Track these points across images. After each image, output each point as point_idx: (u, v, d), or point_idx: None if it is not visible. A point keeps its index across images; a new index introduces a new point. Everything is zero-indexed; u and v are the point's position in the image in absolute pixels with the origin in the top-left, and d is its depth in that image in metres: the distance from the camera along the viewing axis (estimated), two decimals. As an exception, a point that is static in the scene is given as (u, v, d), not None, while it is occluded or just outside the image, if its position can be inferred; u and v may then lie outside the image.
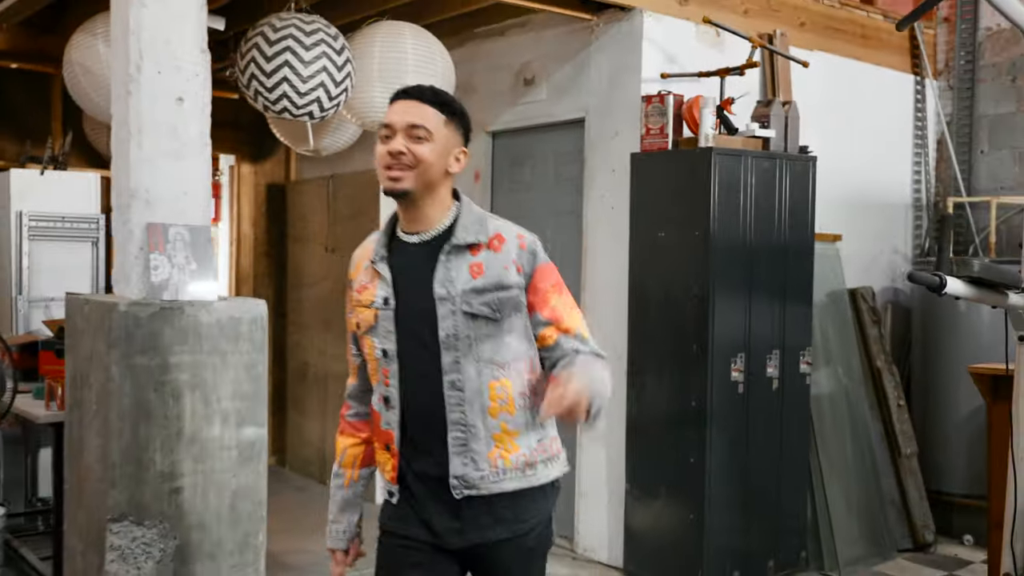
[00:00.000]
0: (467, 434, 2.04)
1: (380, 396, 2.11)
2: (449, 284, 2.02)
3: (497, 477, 2.06)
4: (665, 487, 4.33)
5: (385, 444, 2.13)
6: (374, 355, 2.10)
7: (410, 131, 2.01)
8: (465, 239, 2.04)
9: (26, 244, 5.16)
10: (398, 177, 2.02)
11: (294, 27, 4.24)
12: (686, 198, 4.21)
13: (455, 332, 2.02)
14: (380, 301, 2.08)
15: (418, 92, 2.08)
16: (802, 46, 5.16)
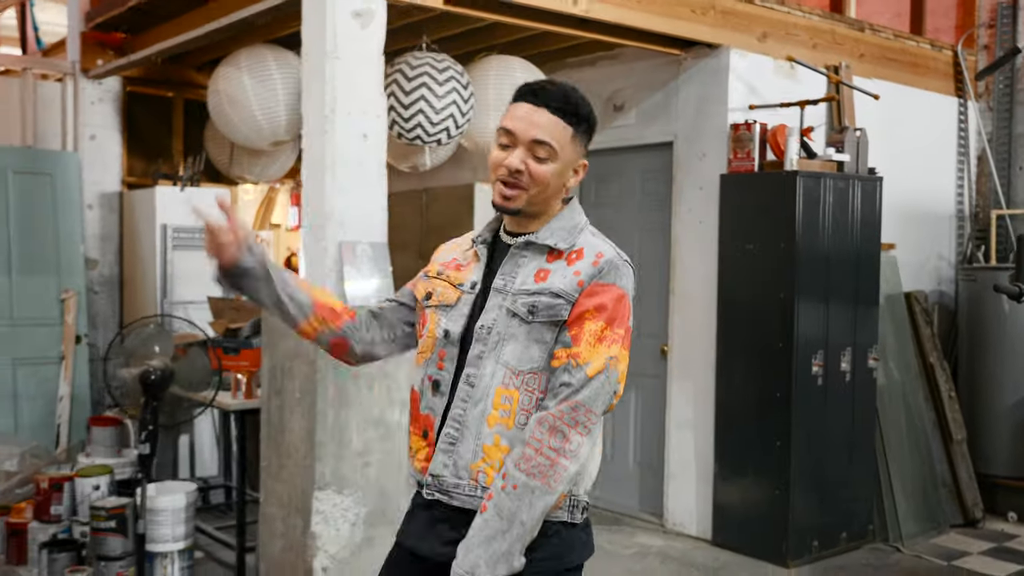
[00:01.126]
0: (459, 434, 1.87)
1: (429, 378, 1.94)
2: (510, 279, 1.90)
3: (472, 493, 1.85)
4: (752, 467, 4.93)
5: (423, 430, 1.95)
6: (435, 333, 1.95)
7: (533, 147, 1.84)
8: (545, 240, 1.90)
9: (169, 253, 5.77)
10: (511, 196, 1.87)
11: (428, 65, 4.83)
12: (772, 214, 4.82)
13: (491, 326, 1.88)
14: (468, 285, 1.96)
15: (547, 96, 1.86)
16: (861, 74, 5.75)
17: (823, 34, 5.60)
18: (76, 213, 5.94)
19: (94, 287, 6.15)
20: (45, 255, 5.79)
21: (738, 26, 5.16)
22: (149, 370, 3.85)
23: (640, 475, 5.65)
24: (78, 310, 5.86)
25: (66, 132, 6.09)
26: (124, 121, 6.33)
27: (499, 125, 1.89)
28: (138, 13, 5.55)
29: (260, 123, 5.32)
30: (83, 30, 6.06)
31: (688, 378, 5.30)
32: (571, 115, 1.87)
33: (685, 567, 4.78)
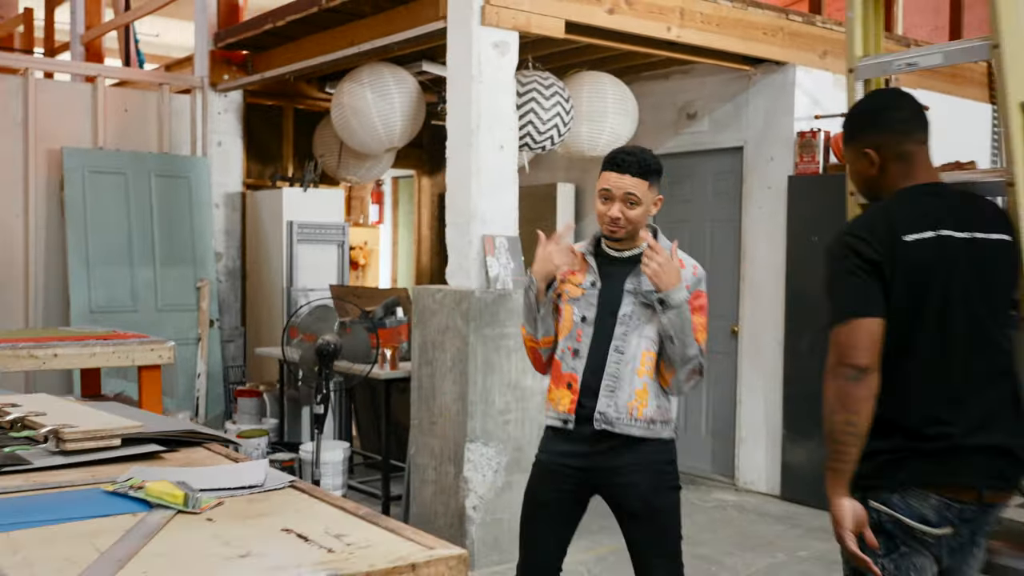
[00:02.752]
0: (615, 385, 2.70)
1: (570, 348, 2.76)
2: (637, 283, 2.73)
3: (629, 423, 2.69)
4: (817, 430, 5.64)
5: (567, 383, 2.75)
6: (571, 319, 2.77)
7: (625, 198, 2.68)
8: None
9: (294, 247, 6.54)
10: (615, 232, 2.73)
11: (536, 82, 5.57)
12: (835, 211, 5.52)
13: (631, 313, 2.72)
14: (588, 284, 2.78)
15: (627, 166, 2.68)
16: (907, 85, 6.45)
17: (874, 50, 6.30)
18: (207, 212, 6.72)
19: (219, 277, 6.92)
20: (183, 249, 6.57)
21: (802, 45, 5.88)
22: (324, 343, 4.60)
23: (712, 441, 6.39)
24: (211, 297, 6.63)
25: (195, 139, 6.86)
26: (244, 129, 7.09)
27: (599, 187, 2.74)
28: (266, 35, 6.31)
29: (379, 132, 6.08)
30: (211, 48, 6.82)
31: (758, 355, 6.03)
32: (646, 173, 2.71)
33: (760, 516, 5.52)
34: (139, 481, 1.97)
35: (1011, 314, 2.36)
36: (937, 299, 2.22)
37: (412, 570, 1.58)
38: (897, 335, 2.24)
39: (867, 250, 2.26)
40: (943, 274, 2.22)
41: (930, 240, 2.23)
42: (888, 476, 2.27)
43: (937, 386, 2.24)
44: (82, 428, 2.29)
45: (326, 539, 1.69)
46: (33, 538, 1.67)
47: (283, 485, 2.08)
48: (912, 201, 2.29)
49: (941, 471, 2.19)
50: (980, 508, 2.21)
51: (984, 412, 2.23)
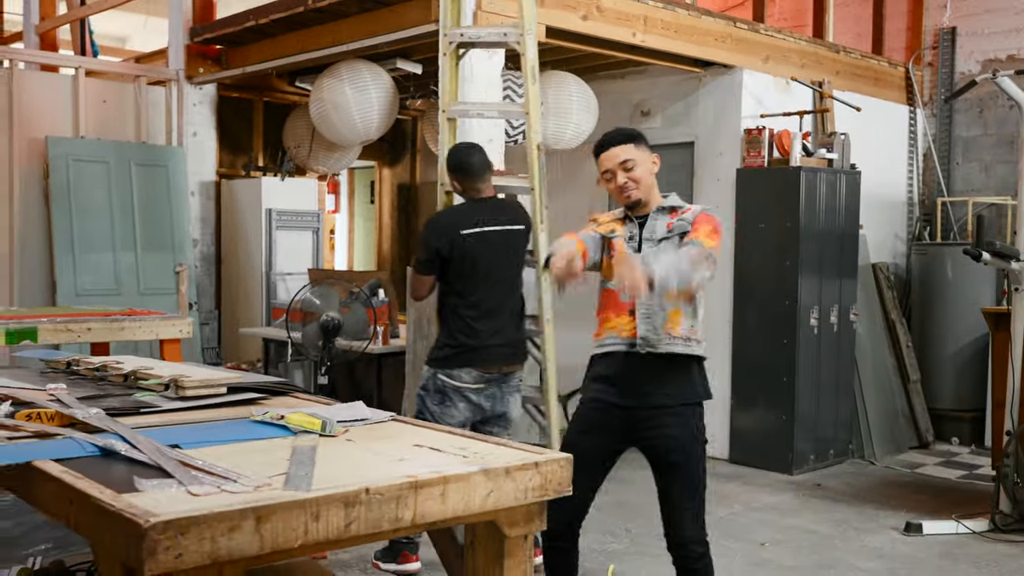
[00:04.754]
0: (650, 311, 2.97)
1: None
2: (652, 232, 3.03)
3: (670, 342, 2.99)
4: (763, 399, 6.28)
5: (629, 310, 3.00)
6: (625, 250, 3.00)
7: (621, 166, 2.99)
8: (668, 204, 3.07)
9: (273, 233, 6.87)
10: (632, 196, 3.02)
11: (510, 81, 6.04)
12: (780, 200, 6.16)
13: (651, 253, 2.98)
14: (628, 235, 3.06)
15: (611, 140, 3.03)
16: (837, 87, 7.13)
17: (809, 56, 6.96)
18: (184, 199, 6.99)
19: (195, 263, 7.19)
20: (162, 236, 6.83)
21: (747, 50, 6.48)
22: (327, 319, 4.99)
23: (665, 412, 6.96)
24: (190, 281, 6.91)
25: (171, 130, 7.12)
26: (218, 120, 7.37)
27: (600, 173, 3.07)
28: (244, 31, 6.61)
29: (357, 125, 6.46)
30: (187, 43, 7.08)
31: (708, 331, 6.55)
32: (628, 139, 3.04)
33: (713, 476, 6.06)
34: (277, 414, 2.39)
35: (523, 266, 4.16)
36: (483, 266, 3.91)
37: (535, 467, 2.05)
38: (459, 286, 3.93)
39: (435, 240, 3.93)
40: (485, 250, 3.91)
41: (475, 232, 3.91)
42: (449, 360, 3.92)
43: (475, 312, 3.92)
44: (196, 378, 2.68)
45: (455, 450, 2.14)
46: (222, 452, 2.07)
47: (387, 419, 2.52)
48: (469, 207, 4.06)
49: (476, 357, 3.90)
50: (501, 375, 3.98)
51: (500, 325, 3.96)
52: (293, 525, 1.67)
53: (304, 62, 6.50)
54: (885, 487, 5.89)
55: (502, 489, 1.98)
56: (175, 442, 2.11)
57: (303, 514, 1.69)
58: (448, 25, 4.49)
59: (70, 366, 3.03)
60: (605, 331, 3.09)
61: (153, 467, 1.91)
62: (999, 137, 7.65)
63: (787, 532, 4.87)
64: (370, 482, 1.80)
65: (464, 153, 4.08)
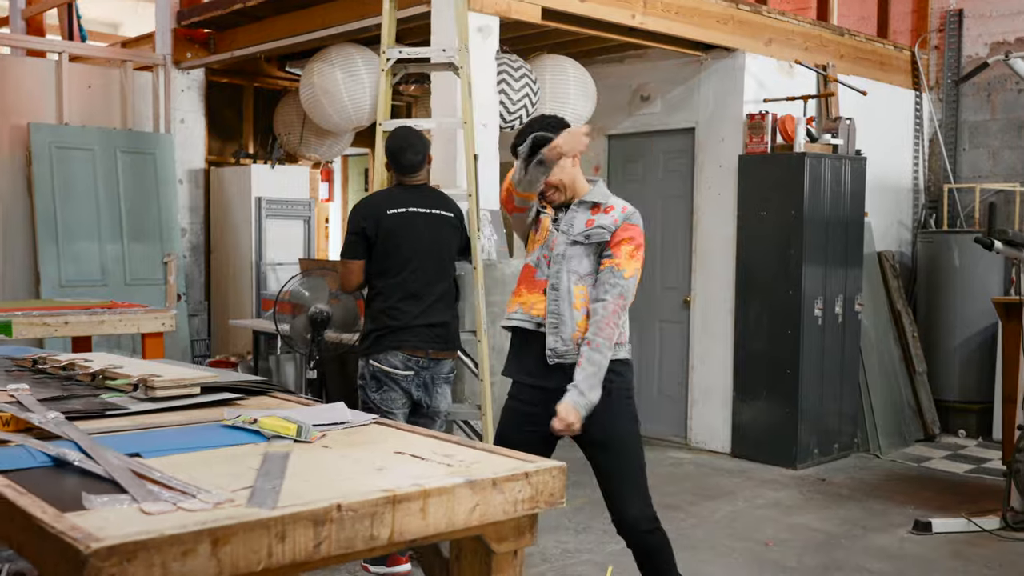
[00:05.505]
0: (558, 321, 2.94)
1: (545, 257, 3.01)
2: (570, 226, 2.97)
3: (577, 352, 2.91)
4: (766, 392, 6.12)
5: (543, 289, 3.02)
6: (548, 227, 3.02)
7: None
8: (591, 199, 3.00)
9: (263, 222, 6.70)
10: (555, 199, 3.04)
11: (506, 64, 5.85)
12: (783, 187, 5.98)
13: (562, 252, 2.95)
14: (553, 218, 3.04)
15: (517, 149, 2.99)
16: (841, 71, 6.95)
17: (813, 39, 6.78)
18: (172, 188, 6.81)
19: (184, 252, 7.02)
20: (150, 225, 6.66)
21: (750, 33, 6.29)
22: (316, 312, 4.82)
23: (665, 404, 6.80)
24: (178, 271, 6.75)
25: (158, 116, 6.93)
26: (206, 107, 7.19)
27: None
28: (233, 14, 6.42)
29: (349, 111, 6.28)
30: (174, 27, 6.89)
31: (709, 323, 6.46)
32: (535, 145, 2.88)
33: (715, 471, 5.95)
34: (249, 417, 2.22)
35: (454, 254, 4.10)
36: (408, 245, 3.90)
37: (526, 477, 1.88)
38: (384, 266, 3.92)
39: (361, 220, 3.94)
40: (410, 230, 3.91)
41: (401, 212, 3.92)
42: (376, 344, 3.90)
43: (400, 293, 3.88)
44: (168, 377, 2.52)
45: (439, 458, 1.98)
46: (186, 461, 1.91)
47: (368, 422, 2.35)
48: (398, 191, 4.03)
49: (401, 339, 3.86)
50: (430, 360, 3.92)
51: (425, 307, 3.90)
52: (255, 547, 1.51)
53: (293, 46, 6.32)
54: (891, 482, 5.74)
55: (489, 502, 1.82)
56: (136, 450, 1.95)
57: (267, 535, 1.53)
58: (386, 43, 4.50)
59: (36, 364, 2.87)
60: (516, 304, 3.07)
61: (107, 480, 1.74)
62: (1007, 122, 7.46)
63: (792, 530, 4.72)
64: (343, 497, 1.63)
65: (400, 148, 4.01)
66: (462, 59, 4.36)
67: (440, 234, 4.05)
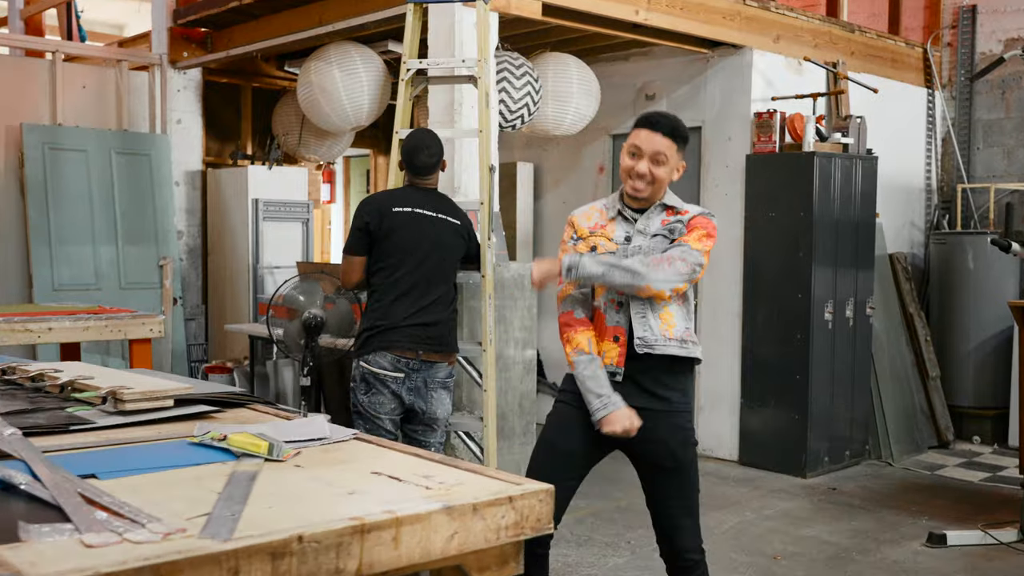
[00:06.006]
0: (645, 313, 2.79)
1: (612, 301, 2.82)
2: (646, 226, 2.83)
3: (665, 342, 2.79)
4: (774, 398, 5.96)
5: (614, 336, 2.83)
6: None
7: (654, 156, 2.76)
8: (667, 202, 2.86)
9: (260, 224, 6.57)
10: (640, 189, 2.80)
11: (507, 62, 5.71)
12: (792, 188, 5.82)
13: (640, 245, 2.79)
14: (622, 238, 2.85)
15: (660, 125, 2.79)
16: (852, 69, 6.78)
17: (823, 35, 6.61)
18: (168, 190, 6.69)
19: (180, 256, 6.90)
20: (145, 227, 6.54)
21: (757, 29, 6.14)
22: (309, 317, 4.68)
23: (671, 411, 6.64)
24: (174, 275, 6.62)
25: (155, 117, 6.81)
26: (204, 107, 7.06)
27: (628, 143, 2.82)
28: (228, 13, 6.29)
29: (347, 110, 6.15)
30: (170, 25, 6.77)
31: (716, 327, 6.29)
32: (676, 135, 2.82)
33: (723, 479, 5.79)
34: (219, 434, 2.08)
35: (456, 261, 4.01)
36: (409, 245, 3.81)
37: (510, 502, 1.73)
38: (383, 263, 3.84)
39: (365, 215, 3.86)
40: (413, 229, 3.83)
41: (407, 211, 3.84)
42: (366, 344, 3.80)
43: (396, 291, 3.80)
44: (138, 389, 2.38)
45: (417, 479, 1.83)
46: (145, 483, 1.77)
47: (348, 437, 2.20)
48: (406, 190, 3.98)
49: (391, 339, 3.74)
50: (421, 362, 3.80)
51: (420, 307, 3.79)
52: (204, 585, 1.37)
53: (289, 44, 6.19)
54: (904, 491, 5.57)
55: (469, 529, 1.68)
56: (92, 470, 1.81)
57: (218, 570, 1.38)
58: (407, 54, 4.51)
59: (5, 374, 2.73)
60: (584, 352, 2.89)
61: (54, 506, 1.60)
62: (1022, 120, 7.28)
63: (801, 543, 4.55)
64: (307, 526, 1.49)
65: (415, 148, 3.97)
66: (480, 70, 4.33)
67: (443, 238, 3.95)
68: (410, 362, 3.80)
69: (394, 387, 3.78)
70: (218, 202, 6.91)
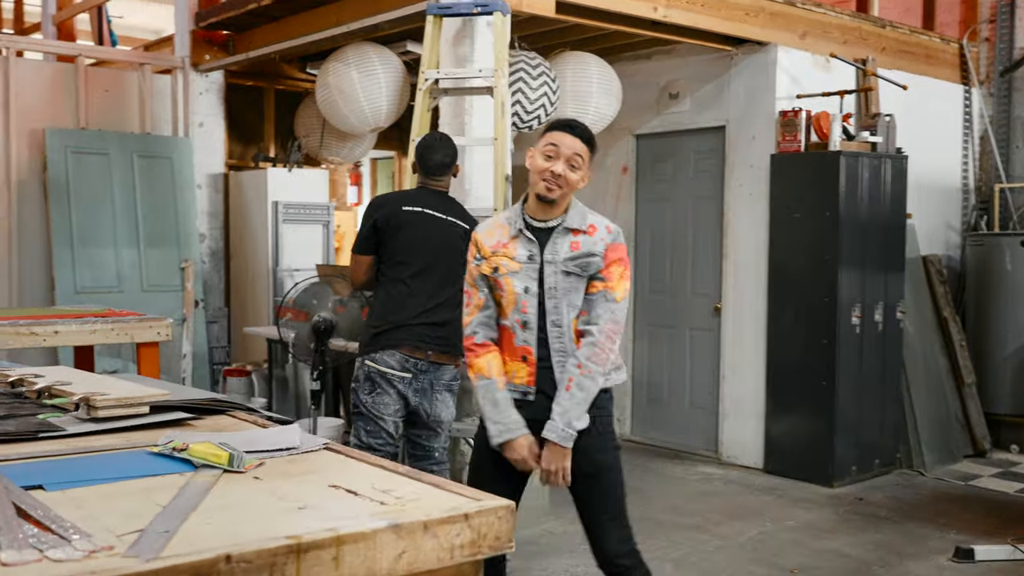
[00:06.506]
0: (564, 359, 2.78)
1: (519, 321, 2.80)
2: (554, 253, 2.77)
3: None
4: (800, 404, 5.80)
5: (522, 356, 2.81)
6: (515, 291, 2.78)
7: (570, 159, 2.74)
8: (571, 224, 2.79)
9: (280, 227, 6.54)
10: (552, 191, 2.74)
11: (523, 62, 5.62)
12: (818, 188, 5.66)
13: (555, 285, 2.77)
14: (525, 257, 2.79)
15: (577, 130, 2.79)
16: (882, 66, 6.59)
17: (852, 31, 6.43)
18: (190, 192, 6.69)
19: (203, 258, 6.90)
20: (167, 230, 6.55)
21: (783, 25, 5.98)
22: (319, 320, 4.63)
23: (695, 416, 6.51)
24: (196, 278, 6.62)
25: (177, 120, 6.82)
26: (226, 110, 7.07)
27: (544, 143, 2.77)
28: (249, 15, 6.28)
29: (365, 112, 6.10)
30: (192, 28, 6.78)
31: (741, 331, 6.15)
32: (591, 144, 2.82)
33: (746, 487, 5.65)
34: (181, 443, 2.02)
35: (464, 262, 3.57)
36: (417, 244, 3.76)
37: (465, 519, 1.64)
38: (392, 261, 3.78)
39: (373, 214, 3.81)
40: (423, 229, 3.77)
41: (417, 211, 3.78)
42: (373, 342, 3.72)
43: (405, 290, 3.73)
44: (113, 396, 2.33)
45: (375, 493, 1.75)
46: (92, 495, 1.71)
47: (318, 447, 2.13)
48: (417, 191, 3.93)
49: (400, 337, 3.67)
50: (429, 363, 3.73)
51: (430, 307, 3.69)
52: (119, 607, 1.30)
53: (307, 45, 6.15)
54: (934, 502, 5.38)
55: (419, 548, 1.59)
56: (41, 481, 1.75)
57: (136, 592, 1.31)
58: (426, 64, 4.57)
59: (-12, 380, 2.70)
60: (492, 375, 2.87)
61: (-13, 519, 1.55)
62: (1063, 117, 7.03)
63: (820, 556, 4.40)
64: (239, 544, 1.41)
65: (429, 147, 3.97)
66: (497, 80, 4.38)
67: (452, 240, 3.87)
68: (419, 362, 3.74)
69: (400, 387, 3.72)
70: (239, 205, 6.91)
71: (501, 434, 2.78)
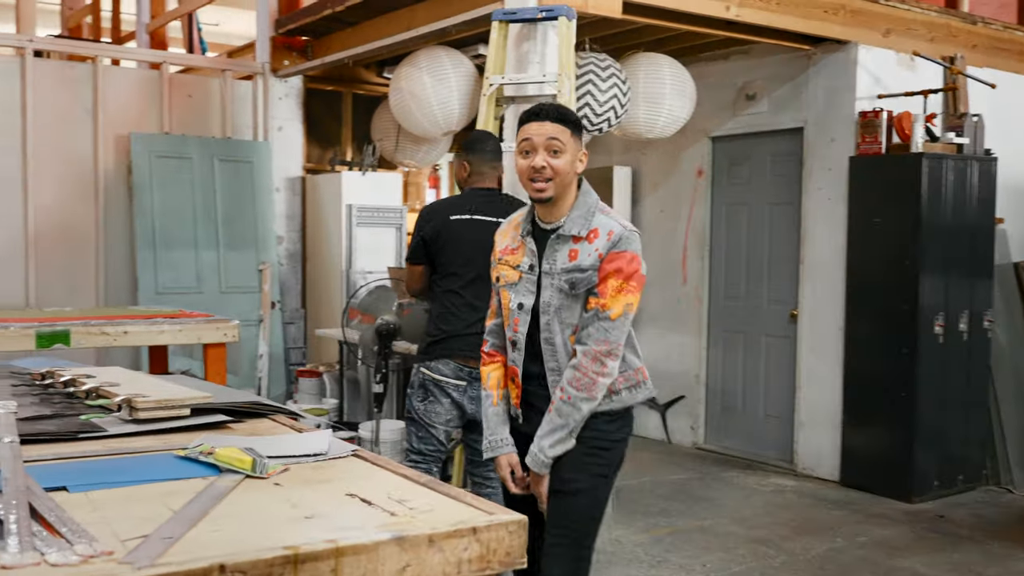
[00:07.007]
0: (559, 378, 2.57)
1: (510, 339, 2.65)
2: (552, 263, 2.55)
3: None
4: (879, 416, 5.59)
5: (511, 377, 2.69)
6: (509, 306, 2.63)
7: (548, 145, 2.48)
8: (570, 231, 2.54)
9: (354, 229, 6.63)
10: (543, 188, 2.51)
11: (593, 64, 5.56)
12: (899, 192, 5.45)
13: (550, 301, 2.55)
14: (526, 267, 2.60)
15: (544, 114, 2.53)
16: (973, 64, 6.31)
17: (939, 28, 6.17)
18: (269, 196, 6.83)
19: (280, 260, 7.04)
20: (246, 233, 6.69)
21: (864, 23, 5.77)
22: (382, 323, 4.67)
23: (770, 426, 6.34)
24: (272, 280, 6.75)
25: (257, 124, 6.97)
26: (304, 114, 7.19)
27: (518, 141, 2.57)
28: (326, 21, 6.38)
29: (437, 116, 6.12)
30: (272, 35, 6.92)
31: (818, 339, 5.96)
32: (565, 120, 2.55)
33: (819, 501, 5.47)
34: (208, 447, 2.04)
35: None
36: (468, 253, 3.66)
37: (473, 533, 1.61)
38: (445, 272, 3.73)
39: (424, 224, 3.78)
40: (472, 238, 3.64)
41: (465, 219, 3.72)
42: (428, 351, 3.71)
43: (458, 300, 3.70)
44: (154, 398, 2.37)
45: (389, 503, 1.73)
46: (111, 498, 1.73)
47: (346, 454, 2.13)
48: (465, 196, 3.85)
49: (454, 347, 3.64)
50: None
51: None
52: (109, 615, 1.30)
53: (379, 50, 6.21)
54: (1020, 521, 5.12)
55: (424, 562, 1.56)
56: (65, 483, 1.79)
57: (126, 599, 1.32)
58: (491, 70, 4.56)
59: (45, 378, 2.79)
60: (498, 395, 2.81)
61: (2, 520, 1.58)
62: None
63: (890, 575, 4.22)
64: (235, 554, 1.41)
65: (481, 136, 3.99)
66: (561, 84, 4.35)
67: None
68: (472, 371, 3.72)
69: (456, 396, 3.71)
70: (316, 208, 7.02)
71: (489, 448, 2.73)
